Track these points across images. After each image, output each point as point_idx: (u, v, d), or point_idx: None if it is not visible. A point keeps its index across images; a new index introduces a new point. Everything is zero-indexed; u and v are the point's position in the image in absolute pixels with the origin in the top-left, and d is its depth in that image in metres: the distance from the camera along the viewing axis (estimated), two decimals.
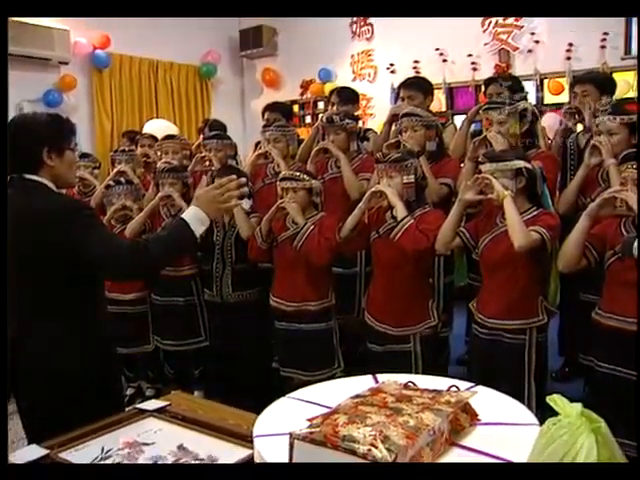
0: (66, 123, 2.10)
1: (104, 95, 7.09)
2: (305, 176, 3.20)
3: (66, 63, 6.64)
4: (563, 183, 3.46)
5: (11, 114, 6.09)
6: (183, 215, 2.01)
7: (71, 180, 2.19)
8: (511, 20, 6.36)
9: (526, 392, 2.68)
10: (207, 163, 3.98)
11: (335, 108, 4.12)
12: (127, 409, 1.89)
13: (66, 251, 1.89)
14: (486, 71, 6.25)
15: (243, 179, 2.18)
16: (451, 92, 6.79)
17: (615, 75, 5.08)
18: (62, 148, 2.03)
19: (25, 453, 1.56)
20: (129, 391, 4.01)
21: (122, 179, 3.87)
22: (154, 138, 4.74)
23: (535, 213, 2.69)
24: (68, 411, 1.78)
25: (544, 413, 1.00)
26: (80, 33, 6.68)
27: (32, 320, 1.99)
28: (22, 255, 1.95)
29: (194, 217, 1.98)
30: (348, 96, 4.26)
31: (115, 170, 4.18)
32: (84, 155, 4.70)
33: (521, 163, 2.67)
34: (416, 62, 6.84)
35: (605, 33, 5.70)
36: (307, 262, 3.18)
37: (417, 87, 3.89)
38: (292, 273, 3.25)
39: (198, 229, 1.97)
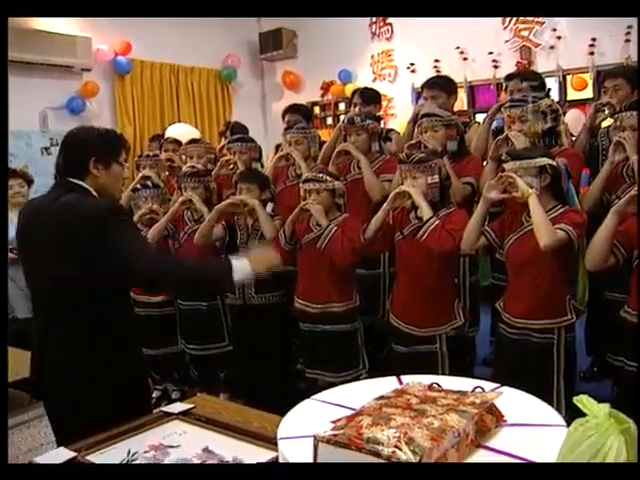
0: (118, 138, 2.20)
1: (126, 101, 7.15)
2: (328, 177, 3.19)
3: (88, 70, 6.71)
4: (593, 179, 3.41)
5: (35, 121, 6.25)
6: (234, 260, 2.07)
7: (115, 193, 2.26)
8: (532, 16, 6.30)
9: (555, 392, 2.65)
10: (232, 166, 4.00)
11: (357, 109, 4.11)
12: (153, 412, 1.90)
13: (97, 252, 1.91)
14: (507, 69, 6.16)
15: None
16: (472, 90, 6.75)
17: None
18: (109, 161, 2.11)
19: (53, 456, 1.57)
20: (155, 393, 4.03)
21: (149, 183, 3.90)
22: (178, 142, 4.77)
23: (561, 210, 2.66)
24: (97, 415, 1.79)
25: (574, 413, 0.98)
26: (101, 40, 6.74)
27: (57, 324, 2.01)
28: (56, 253, 1.98)
29: (242, 267, 2.05)
30: (370, 97, 4.24)
31: (140, 175, 4.21)
32: None
33: (545, 160, 2.64)
34: (436, 61, 6.80)
35: (629, 27, 5.62)
36: (331, 264, 3.18)
37: (440, 86, 3.86)
38: (316, 275, 3.25)
39: (239, 278, 2.05)
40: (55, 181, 2.13)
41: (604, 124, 3.63)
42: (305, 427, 1.18)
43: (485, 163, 3.43)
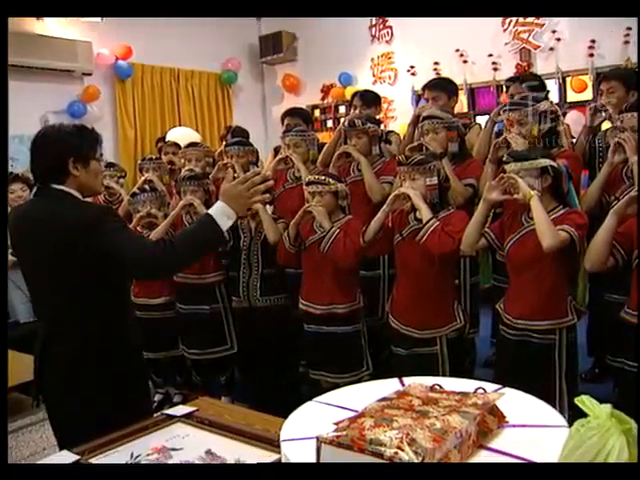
0: (91, 133, 2.11)
1: (127, 105, 7.17)
2: (331, 180, 3.20)
3: (89, 74, 6.73)
4: (591, 181, 3.42)
5: (36, 125, 6.28)
6: (209, 210, 1.99)
7: (97, 188, 2.21)
8: (532, 18, 6.31)
9: (557, 393, 2.65)
10: (229, 170, 4.00)
11: (357, 111, 4.12)
12: (155, 415, 1.91)
13: (95, 258, 1.91)
14: (507, 71, 6.21)
15: (269, 173, 2.16)
16: (472, 92, 6.77)
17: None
18: (87, 158, 2.04)
19: (56, 459, 1.58)
20: (157, 397, 4.04)
21: (147, 187, 3.91)
22: (178, 146, 4.78)
23: (562, 212, 2.67)
24: (98, 419, 1.79)
25: (577, 414, 0.99)
26: (102, 44, 6.76)
27: (61, 329, 2.01)
28: (52, 264, 1.98)
29: (220, 212, 1.96)
30: (370, 99, 4.25)
31: (143, 178, 4.23)
32: (110, 165, 4.76)
33: (546, 161, 2.64)
34: (436, 63, 6.82)
35: (628, 28, 5.63)
36: (334, 265, 3.19)
37: (441, 88, 3.88)
38: (320, 276, 3.25)
39: (225, 223, 1.96)
40: (38, 188, 2.07)
41: (603, 126, 3.63)
42: (308, 429, 1.18)
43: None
